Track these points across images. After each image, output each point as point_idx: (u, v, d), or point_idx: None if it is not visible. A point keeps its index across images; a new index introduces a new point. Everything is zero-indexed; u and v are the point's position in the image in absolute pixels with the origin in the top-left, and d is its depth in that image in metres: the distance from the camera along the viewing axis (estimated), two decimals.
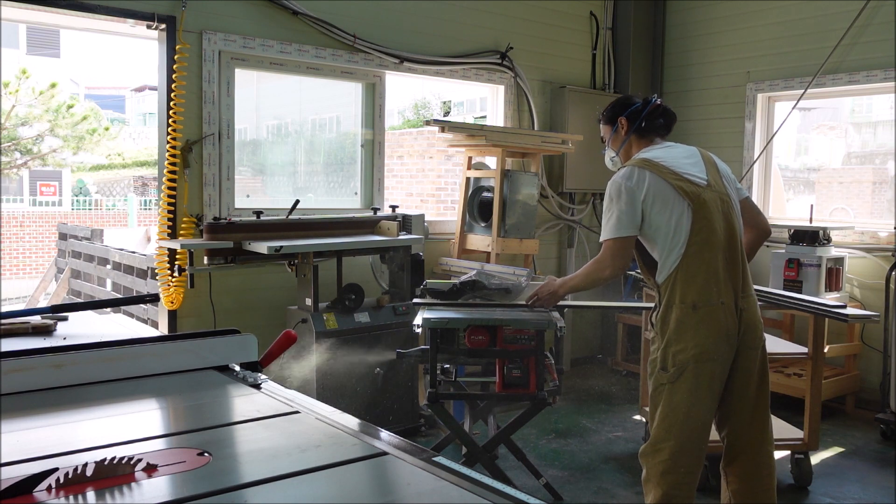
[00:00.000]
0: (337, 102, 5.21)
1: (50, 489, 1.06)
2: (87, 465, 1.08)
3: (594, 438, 4.50)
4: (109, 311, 4.18)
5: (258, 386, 1.65)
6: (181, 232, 4.21)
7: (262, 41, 4.45)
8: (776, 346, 4.17)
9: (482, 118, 8.46)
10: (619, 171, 2.74)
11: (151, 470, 1.13)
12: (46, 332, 2.16)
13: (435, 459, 1.22)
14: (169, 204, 4.17)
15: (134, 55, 29.64)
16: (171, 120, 4.14)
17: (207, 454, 1.21)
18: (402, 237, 4.38)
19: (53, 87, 15.29)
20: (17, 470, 1.13)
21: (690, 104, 6.15)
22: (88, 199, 20.71)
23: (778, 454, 4.21)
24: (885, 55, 5.00)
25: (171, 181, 4.17)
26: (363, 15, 4.84)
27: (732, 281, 2.64)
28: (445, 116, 13.80)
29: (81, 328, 2.24)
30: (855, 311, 3.62)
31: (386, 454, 1.25)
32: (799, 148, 7.17)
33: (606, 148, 2.98)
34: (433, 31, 5.22)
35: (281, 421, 1.43)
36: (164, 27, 4.14)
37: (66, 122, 15.85)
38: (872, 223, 5.40)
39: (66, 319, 2.31)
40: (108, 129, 17.69)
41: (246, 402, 1.56)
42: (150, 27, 4.16)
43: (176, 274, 4.19)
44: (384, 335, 4.22)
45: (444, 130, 4.86)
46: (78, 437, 1.37)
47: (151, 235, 9.74)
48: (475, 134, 4.99)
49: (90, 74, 28.05)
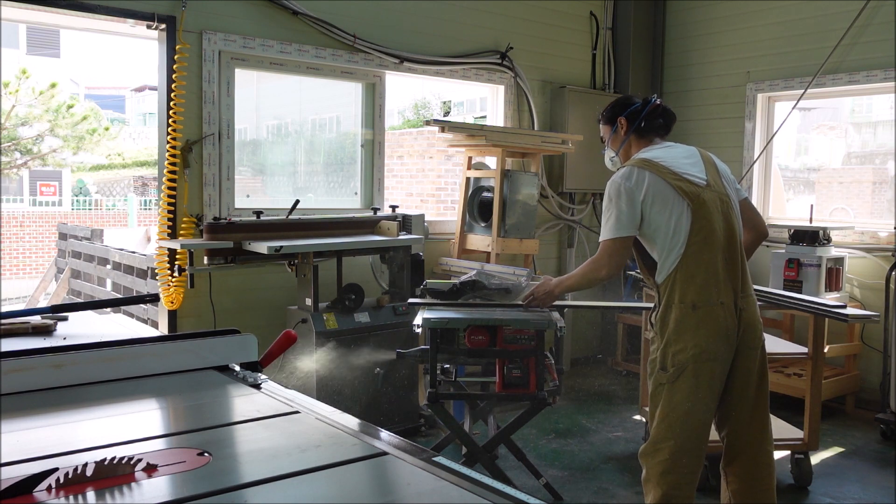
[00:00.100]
0: (337, 102, 5.21)
1: (50, 489, 1.06)
2: (87, 465, 1.08)
3: (594, 438, 4.50)
4: (109, 311, 4.18)
5: (258, 386, 1.65)
6: (181, 232, 4.21)
7: (262, 41, 4.46)
8: (776, 346, 4.16)
9: (482, 118, 8.45)
10: (618, 171, 2.74)
11: (151, 470, 1.13)
12: (46, 332, 2.16)
13: (435, 459, 1.22)
14: (169, 204, 4.17)
15: (134, 55, 29.67)
16: (171, 120, 4.14)
17: (207, 454, 1.22)
18: (402, 237, 4.38)
19: (53, 87, 15.29)
20: (17, 470, 1.13)
21: (690, 104, 6.15)
22: (88, 199, 20.71)
23: (778, 454, 4.20)
24: (885, 55, 5.00)
25: (171, 181, 4.17)
26: (363, 15, 4.84)
27: (732, 281, 2.63)
28: (445, 116, 13.80)
29: (81, 328, 2.24)
30: (855, 311, 3.62)
31: (386, 454, 1.25)
32: (799, 148, 7.17)
33: (606, 148, 2.98)
34: (433, 31, 5.22)
35: (281, 421, 1.43)
36: (164, 27, 4.14)
37: (66, 122, 15.85)
38: (872, 223, 5.40)
39: (66, 319, 2.31)
40: (108, 129, 17.69)
41: (246, 402, 1.56)
42: (150, 27, 4.16)
43: (176, 274, 4.20)
44: (384, 335, 4.22)
45: (444, 130, 4.86)
46: (78, 437, 1.37)
47: (151, 235, 9.74)
48: (475, 134, 4.99)
49: (90, 74, 28.09)
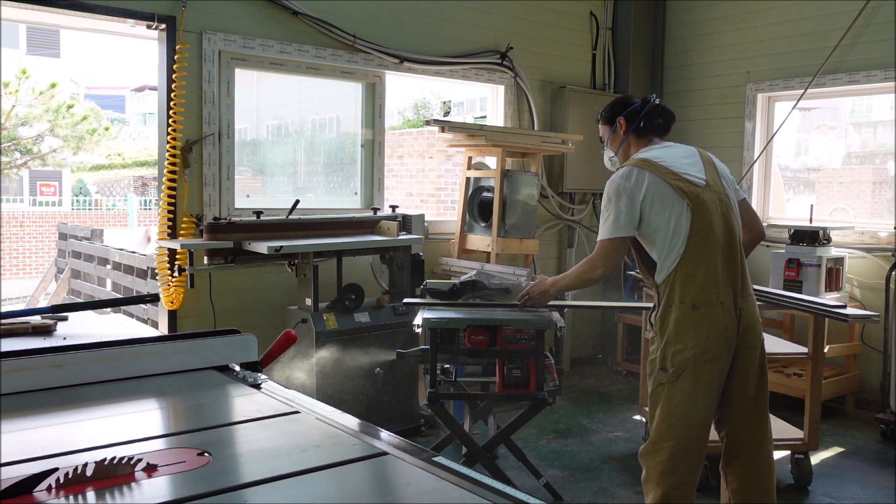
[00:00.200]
0: (337, 102, 5.21)
1: (50, 489, 1.06)
2: (87, 465, 1.08)
3: (594, 438, 4.50)
4: (109, 311, 4.18)
5: (258, 386, 1.65)
6: (181, 232, 4.21)
7: (262, 41, 4.45)
8: (776, 346, 4.16)
9: (482, 118, 8.45)
10: (617, 171, 2.74)
11: (151, 470, 1.13)
12: (46, 332, 2.16)
13: (435, 459, 1.22)
14: (169, 204, 4.17)
15: (134, 55, 29.66)
16: (171, 120, 4.14)
17: (207, 454, 1.22)
18: (402, 237, 4.38)
19: (53, 87, 15.29)
20: (17, 470, 1.13)
21: (690, 104, 6.15)
22: (88, 199, 20.71)
23: (778, 454, 4.21)
24: (885, 55, 5.00)
25: (171, 181, 4.17)
26: (363, 15, 4.84)
27: (731, 281, 2.63)
28: (445, 116, 13.80)
29: (81, 328, 2.24)
30: (855, 311, 3.62)
31: (386, 454, 1.25)
32: (799, 148, 7.17)
33: (605, 148, 2.98)
34: (433, 31, 5.22)
35: (281, 421, 1.43)
36: (164, 27, 4.14)
37: (66, 122, 15.85)
38: (872, 223, 5.40)
39: (66, 319, 2.31)
40: (108, 129, 17.69)
41: (246, 402, 1.56)
42: (150, 27, 4.16)
43: (176, 274, 4.20)
44: (384, 335, 4.22)
45: (444, 130, 4.86)
46: (78, 437, 1.37)
47: (151, 235, 9.74)
48: (475, 134, 4.99)
49: (90, 74, 28.09)
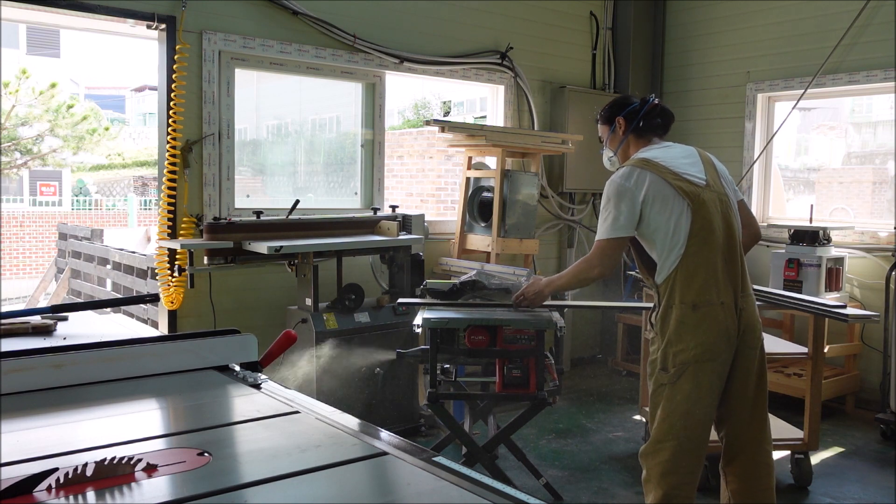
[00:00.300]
0: (337, 102, 5.21)
1: (50, 489, 1.06)
2: (87, 465, 1.08)
3: (594, 438, 4.50)
4: (109, 311, 4.18)
5: (258, 386, 1.65)
6: (181, 232, 4.21)
7: (262, 41, 4.45)
8: (776, 346, 4.16)
9: (482, 118, 8.45)
10: (617, 171, 2.74)
11: (151, 470, 1.13)
12: (46, 332, 2.16)
13: (435, 459, 1.22)
14: (169, 204, 4.17)
15: (134, 55, 29.66)
16: (171, 120, 4.14)
17: (207, 454, 1.21)
18: (402, 237, 4.38)
19: (53, 87, 15.29)
20: (17, 470, 1.13)
21: (690, 104, 6.15)
22: (88, 199, 20.71)
23: (778, 454, 4.21)
24: (885, 55, 5.00)
25: (171, 181, 4.17)
26: (363, 15, 4.84)
27: (732, 281, 2.63)
28: (445, 116, 13.80)
29: (81, 328, 2.24)
30: (855, 311, 3.62)
31: (386, 454, 1.25)
32: (799, 148, 7.17)
33: (604, 148, 2.98)
34: (433, 31, 5.22)
35: (281, 421, 1.43)
36: (164, 27, 4.14)
37: (66, 122, 15.85)
38: (872, 223, 5.40)
39: (66, 319, 2.31)
40: (108, 129, 17.69)
41: (246, 402, 1.56)
42: (150, 27, 4.16)
43: (176, 274, 4.20)
44: (384, 335, 4.22)
45: (444, 130, 4.86)
46: (78, 437, 1.37)
47: (151, 235, 9.74)
48: (475, 134, 4.99)
49: (90, 74, 28.09)
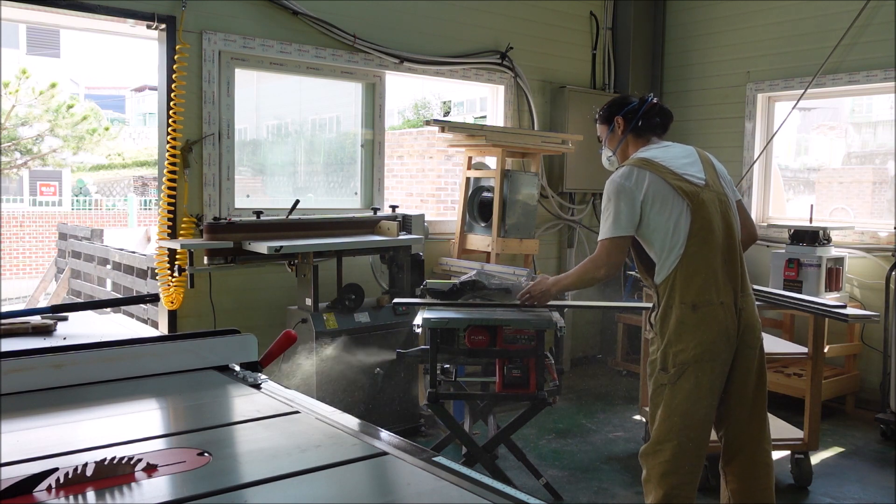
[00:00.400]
0: (337, 102, 5.21)
1: (50, 489, 1.06)
2: (87, 465, 1.08)
3: (594, 438, 4.50)
4: (109, 311, 4.18)
5: (258, 386, 1.65)
6: (181, 232, 4.21)
7: (262, 41, 4.45)
8: (776, 346, 4.16)
9: (482, 118, 8.45)
10: (617, 170, 2.74)
11: (151, 470, 1.13)
12: (46, 332, 2.16)
13: (435, 459, 1.22)
14: (169, 204, 4.17)
15: (134, 55, 29.68)
16: (171, 120, 4.14)
17: (207, 454, 1.21)
18: (402, 237, 4.38)
19: (53, 87, 15.29)
20: (17, 470, 1.13)
21: (690, 104, 6.15)
22: (88, 199, 20.70)
23: (778, 454, 4.21)
24: (885, 55, 5.00)
25: (171, 181, 4.17)
26: (363, 15, 4.84)
27: (731, 280, 2.64)
28: (445, 116, 13.80)
29: (81, 328, 2.24)
30: (855, 311, 3.62)
31: (386, 454, 1.25)
32: (799, 148, 7.17)
33: (603, 147, 2.98)
34: (433, 31, 5.22)
35: (281, 421, 1.43)
36: (164, 27, 4.14)
37: (66, 122, 15.85)
38: (872, 223, 5.40)
39: (66, 319, 2.31)
40: (108, 129, 17.69)
41: (246, 402, 1.56)
42: (150, 27, 4.16)
43: (176, 274, 4.20)
44: (384, 335, 4.22)
45: (444, 130, 4.86)
46: (78, 437, 1.37)
47: (151, 235, 9.74)
48: (475, 134, 4.99)
49: (90, 74, 28.10)
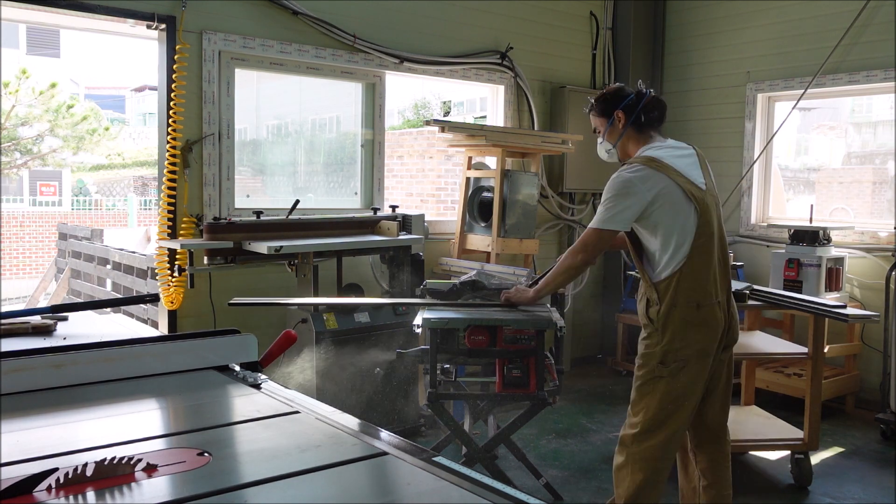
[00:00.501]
0: (337, 102, 5.21)
1: (50, 489, 1.06)
2: (87, 465, 1.08)
3: (594, 438, 4.50)
4: (109, 311, 4.18)
5: (258, 386, 1.65)
6: (181, 232, 4.21)
7: (262, 41, 4.45)
8: (776, 346, 4.17)
9: (482, 118, 8.45)
10: (630, 166, 2.71)
11: (151, 470, 1.13)
12: (46, 332, 2.16)
13: (435, 459, 1.22)
14: (169, 204, 4.17)
15: (134, 55, 29.65)
16: (171, 120, 4.14)
17: (207, 454, 1.22)
18: (402, 237, 4.38)
19: (53, 87, 15.29)
20: (17, 470, 1.13)
21: (690, 104, 6.15)
22: (88, 199, 20.70)
23: (778, 454, 4.23)
24: (885, 55, 5.00)
25: (171, 181, 4.17)
26: (363, 15, 4.84)
27: (724, 280, 2.75)
28: (445, 116, 13.80)
29: (81, 328, 2.25)
30: (855, 311, 3.62)
31: (386, 454, 1.25)
32: (799, 148, 7.16)
33: (602, 140, 2.95)
34: (433, 31, 5.22)
35: (281, 421, 1.43)
36: (164, 27, 4.14)
37: (66, 122, 15.85)
38: (872, 223, 5.39)
39: (66, 319, 2.31)
40: (108, 129, 17.69)
41: (246, 402, 1.56)
42: (150, 27, 4.16)
43: (176, 274, 4.20)
44: (384, 335, 4.22)
45: (444, 130, 4.86)
46: (78, 437, 1.37)
47: (151, 235, 9.74)
48: (475, 134, 4.99)
49: (90, 74, 28.06)
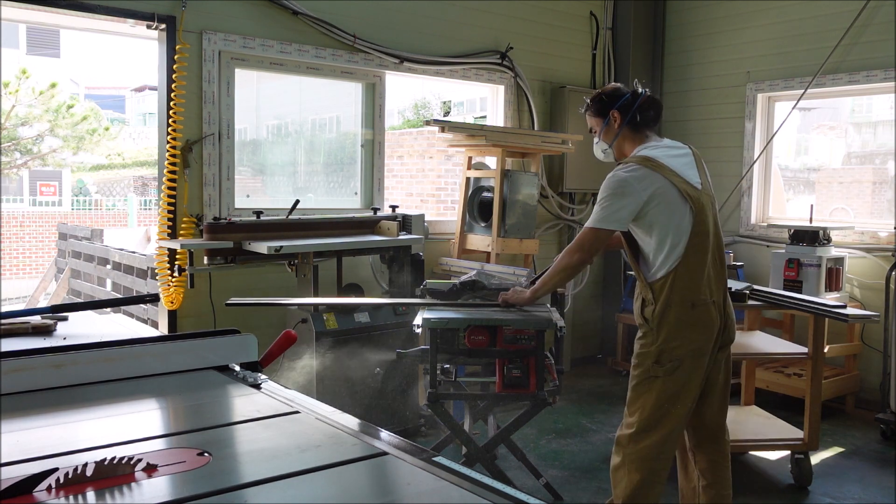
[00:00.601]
0: (337, 102, 5.21)
1: (50, 489, 1.06)
2: (87, 465, 1.08)
3: (594, 438, 4.50)
4: (109, 311, 4.18)
5: (258, 386, 1.65)
6: (181, 232, 4.21)
7: (262, 41, 4.45)
8: (776, 346, 4.17)
9: (482, 118, 8.45)
10: (626, 165, 2.72)
11: (151, 470, 1.13)
12: (46, 332, 2.16)
13: (435, 459, 1.22)
14: (169, 204, 4.17)
15: (134, 55, 29.64)
16: (171, 120, 4.14)
17: (207, 454, 1.22)
18: (402, 237, 4.38)
19: (53, 87, 15.29)
20: (17, 470, 1.13)
21: (690, 104, 6.15)
22: (88, 199, 20.70)
23: (778, 454, 4.23)
24: (885, 55, 5.00)
25: (171, 181, 4.17)
26: (363, 15, 4.84)
27: (720, 280, 2.75)
28: (445, 116, 13.80)
29: (81, 328, 2.25)
30: (855, 311, 3.62)
31: (386, 454, 1.25)
32: (799, 148, 7.16)
33: (598, 140, 2.97)
34: (433, 31, 5.22)
35: (281, 421, 1.43)
36: (164, 27, 4.14)
37: (66, 122, 15.85)
38: (872, 223, 5.39)
39: (66, 319, 2.31)
40: (108, 129, 17.69)
41: (246, 402, 1.56)
42: (150, 27, 4.16)
43: (176, 274, 4.20)
44: (384, 335, 4.22)
45: (444, 130, 4.86)
46: (78, 437, 1.37)
47: (151, 235, 9.74)
48: (475, 134, 4.99)
49: (90, 74, 28.06)
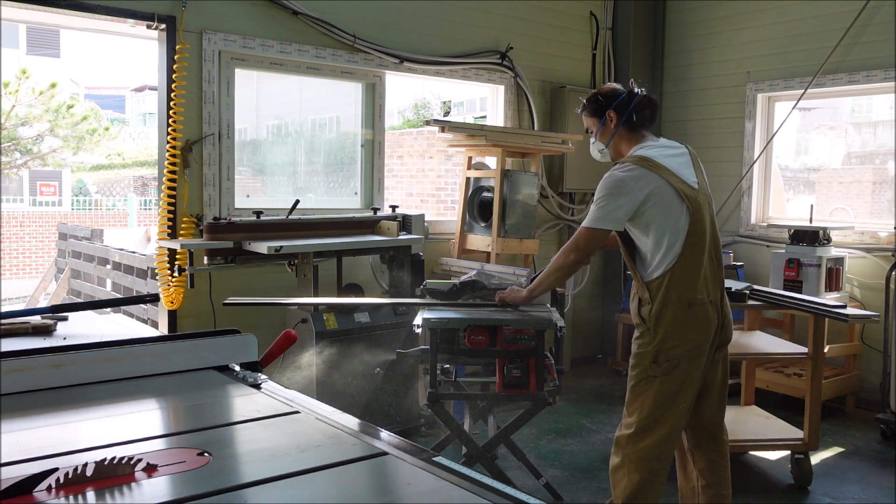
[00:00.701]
0: (337, 102, 5.21)
1: (50, 489, 1.06)
2: (87, 465, 1.08)
3: (594, 438, 4.50)
4: (109, 311, 4.18)
5: (258, 386, 1.65)
6: (181, 232, 4.21)
7: (262, 41, 4.45)
8: (776, 346, 4.17)
9: (482, 118, 8.45)
10: (622, 165, 2.72)
11: (151, 470, 1.13)
12: (46, 332, 2.16)
13: (435, 459, 1.22)
14: (169, 204, 4.17)
15: (134, 55, 29.65)
16: (171, 120, 4.14)
17: (207, 454, 1.22)
18: (402, 237, 4.38)
19: (53, 87, 15.29)
20: (17, 470, 1.13)
21: (690, 104, 6.15)
22: (88, 199, 20.70)
23: (778, 454, 4.23)
24: (885, 55, 5.00)
25: (171, 181, 4.17)
26: (363, 15, 4.84)
27: (717, 280, 2.75)
28: (445, 116, 13.80)
29: (81, 328, 2.25)
30: (855, 311, 3.62)
31: (386, 454, 1.25)
32: (799, 148, 7.17)
33: (594, 140, 2.97)
34: (433, 31, 5.22)
35: (281, 421, 1.43)
36: (164, 27, 4.14)
37: (66, 122, 15.85)
38: (872, 223, 5.39)
39: (66, 319, 2.31)
40: (108, 129, 17.69)
41: (246, 402, 1.56)
42: (150, 27, 4.16)
43: (176, 274, 4.20)
44: (384, 335, 4.22)
45: (444, 130, 4.86)
46: (78, 437, 1.37)
47: (151, 235, 9.75)
48: (475, 134, 4.99)
49: (90, 74, 28.06)
